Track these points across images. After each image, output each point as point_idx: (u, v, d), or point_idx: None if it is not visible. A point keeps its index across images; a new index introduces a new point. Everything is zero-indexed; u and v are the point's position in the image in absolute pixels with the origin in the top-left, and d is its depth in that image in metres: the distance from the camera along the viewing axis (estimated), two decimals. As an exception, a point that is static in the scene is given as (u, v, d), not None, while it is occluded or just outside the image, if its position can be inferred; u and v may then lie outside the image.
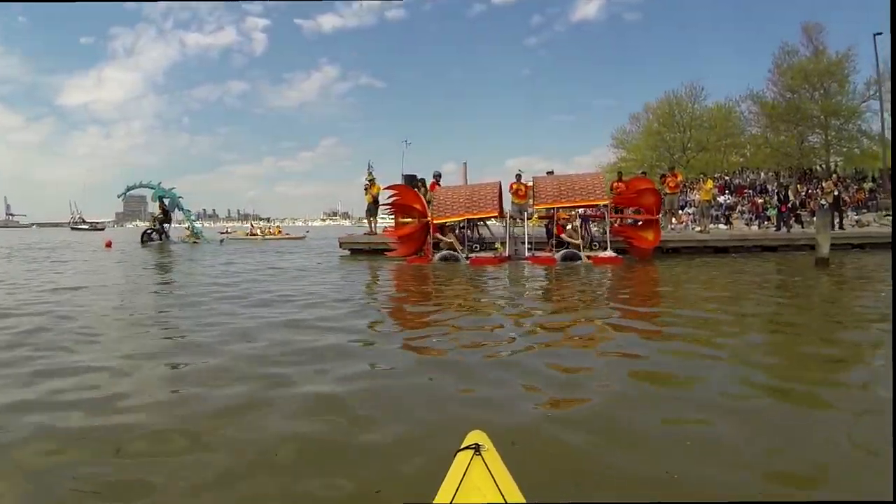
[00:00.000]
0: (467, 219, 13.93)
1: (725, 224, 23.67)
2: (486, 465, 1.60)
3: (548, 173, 15.69)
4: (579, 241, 13.50)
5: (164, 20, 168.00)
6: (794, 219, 19.74)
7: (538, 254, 13.65)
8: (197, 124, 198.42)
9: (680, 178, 17.21)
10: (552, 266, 12.41)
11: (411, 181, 18.32)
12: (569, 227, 13.67)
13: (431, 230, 13.66)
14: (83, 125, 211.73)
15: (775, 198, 21.52)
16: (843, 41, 31.66)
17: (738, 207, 27.22)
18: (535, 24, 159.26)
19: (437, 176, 15.81)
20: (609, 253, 13.09)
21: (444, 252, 13.37)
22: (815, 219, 14.30)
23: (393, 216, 15.03)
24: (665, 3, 78.49)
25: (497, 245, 14.24)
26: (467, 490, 1.51)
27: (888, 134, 29.14)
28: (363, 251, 16.68)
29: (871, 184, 28.70)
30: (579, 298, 8.10)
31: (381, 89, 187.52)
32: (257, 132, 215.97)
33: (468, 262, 12.97)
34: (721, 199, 27.86)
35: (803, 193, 25.85)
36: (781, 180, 30.23)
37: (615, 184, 16.43)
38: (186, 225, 28.60)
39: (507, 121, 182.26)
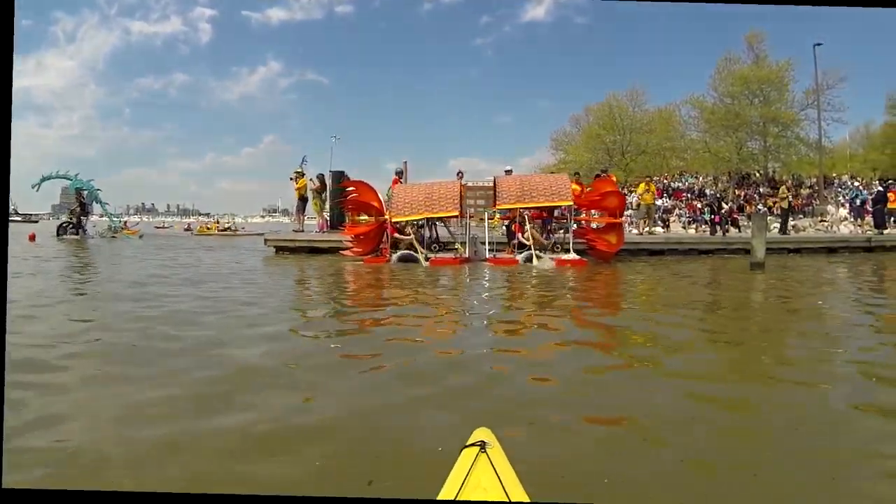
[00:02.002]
0: (427, 218, 13.49)
1: (663, 227, 23.30)
2: (490, 462, 1.59)
3: (506, 172, 15.31)
4: (543, 242, 13.07)
5: (108, 6, 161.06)
6: (730, 223, 19.78)
7: (499, 255, 13.22)
8: (138, 116, 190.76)
9: (614, 179, 16.58)
10: (514, 268, 11.88)
11: (338, 178, 17.93)
12: (528, 227, 13.09)
13: (389, 229, 13.13)
14: (21, 112, 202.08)
15: (708, 209, 21.58)
16: (784, 51, 32.18)
17: (676, 211, 26.98)
18: (483, 25, 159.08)
19: (400, 173, 15.30)
20: (572, 255, 12.74)
21: (402, 252, 12.74)
22: (751, 223, 13.97)
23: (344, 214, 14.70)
24: (613, 8, 79.21)
25: (457, 246, 13.67)
26: (471, 487, 1.50)
27: (825, 142, 29.73)
28: (288, 249, 15.83)
29: (807, 190, 28.97)
30: (545, 304, 7.41)
31: (325, 85, 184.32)
32: (200, 126, 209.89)
33: (427, 263, 12.36)
34: (659, 202, 27.60)
35: (741, 198, 25.90)
36: (720, 185, 30.30)
37: None
38: (123, 220, 27.77)
39: (452, 120, 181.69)
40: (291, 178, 18.01)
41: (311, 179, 17.89)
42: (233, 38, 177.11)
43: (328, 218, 18.45)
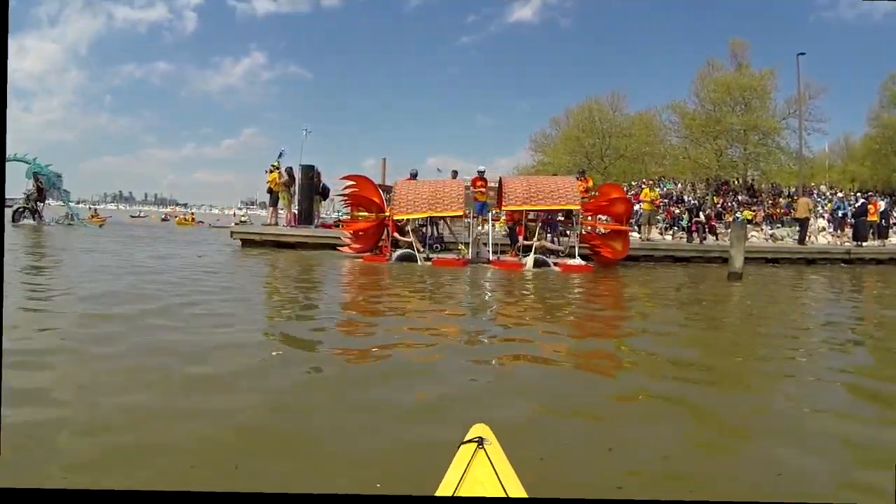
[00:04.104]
0: (430, 217, 13.04)
1: (639, 232, 22.97)
2: (489, 458, 1.58)
3: (479, 172, 14.97)
4: (546, 245, 12.78)
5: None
6: (707, 231, 19.74)
7: (504, 258, 12.79)
8: (119, 103, 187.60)
9: (590, 183, 16.14)
10: (519, 272, 11.48)
11: (308, 171, 17.78)
12: (538, 231, 12.82)
13: (390, 227, 12.70)
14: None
15: (686, 215, 21.35)
16: (767, 60, 32.20)
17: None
18: (469, 23, 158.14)
19: (414, 174, 14.50)
20: (578, 260, 12.38)
21: (402, 251, 12.34)
22: (729, 231, 13.64)
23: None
24: (599, 11, 79.22)
25: (461, 247, 13.24)
26: (470, 483, 1.50)
27: (805, 152, 29.60)
28: (254, 242, 15.31)
29: (787, 199, 28.79)
30: (565, 312, 7.00)
31: (307, 80, 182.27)
32: (180, 116, 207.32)
33: (429, 263, 11.95)
34: (637, 207, 27.34)
35: (718, 205, 25.68)
36: (698, 191, 30.04)
37: None
38: (91, 209, 26.81)
39: (432, 119, 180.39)
40: (267, 171, 17.56)
41: (280, 172, 17.35)
42: (217, 27, 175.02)
43: (296, 212, 17.91)
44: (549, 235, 13.52)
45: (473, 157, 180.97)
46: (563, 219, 13.57)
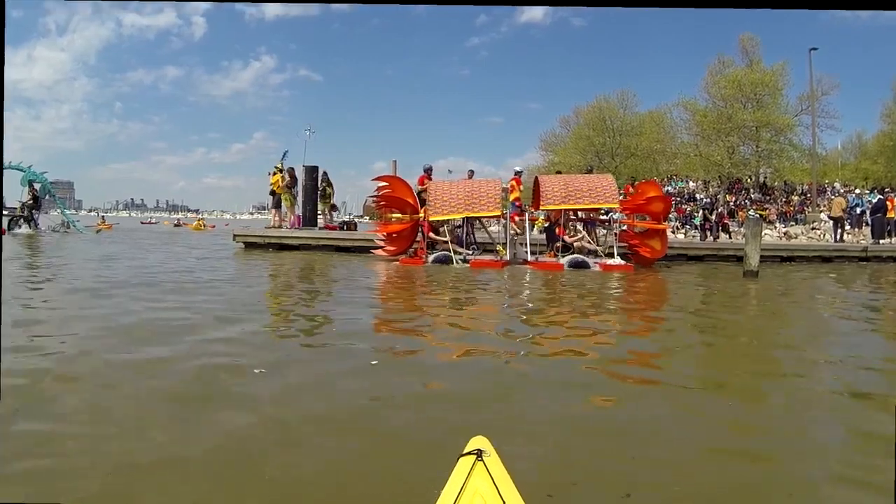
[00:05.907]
0: (466, 217, 12.94)
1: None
2: (488, 470, 1.55)
3: (516, 173, 14.80)
4: (585, 246, 12.77)
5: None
6: (720, 229, 19.58)
7: (542, 258, 12.61)
8: (128, 110, 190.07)
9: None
10: (559, 273, 11.37)
11: (312, 172, 17.68)
12: (579, 228, 12.98)
13: (425, 228, 12.61)
14: (9, 105, 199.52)
15: (701, 213, 21.06)
16: (779, 56, 31.95)
17: (666, 214, 26.50)
18: (480, 24, 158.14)
19: (429, 170, 14.29)
20: (618, 260, 12.30)
21: (439, 253, 12.26)
22: (743, 229, 13.33)
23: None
24: (610, 11, 79.18)
25: (498, 247, 13.05)
26: (469, 495, 1.48)
27: (818, 149, 29.28)
28: (257, 245, 15.37)
29: (800, 197, 28.41)
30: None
31: (317, 83, 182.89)
32: (190, 122, 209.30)
33: (467, 265, 11.86)
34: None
35: (731, 204, 25.37)
36: (710, 189, 29.70)
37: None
38: (100, 216, 26.70)
39: (442, 120, 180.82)
40: (270, 174, 17.41)
41: (282, 173, 17.16)
42: (227, 32, 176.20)
43: (300, 214, 17.70)
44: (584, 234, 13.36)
45: (484, 158, 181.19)
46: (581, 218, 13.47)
